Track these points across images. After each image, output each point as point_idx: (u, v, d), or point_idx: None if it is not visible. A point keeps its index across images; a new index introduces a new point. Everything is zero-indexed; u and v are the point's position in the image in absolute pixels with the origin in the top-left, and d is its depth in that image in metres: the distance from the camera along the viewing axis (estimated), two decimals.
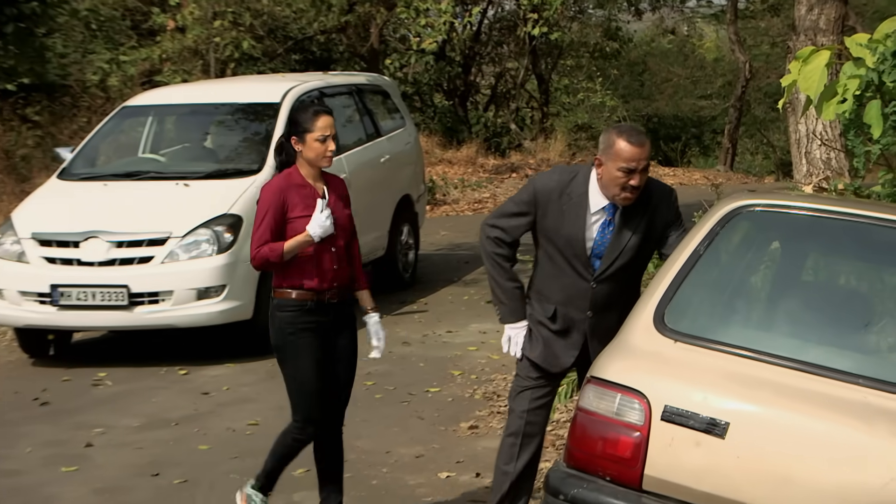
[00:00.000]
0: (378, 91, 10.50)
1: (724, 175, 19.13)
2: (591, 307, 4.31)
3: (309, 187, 4.64)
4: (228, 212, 7.77)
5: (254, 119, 8.83)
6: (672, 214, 4.29)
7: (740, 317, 3.71)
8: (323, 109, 4.63)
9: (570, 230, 4.25)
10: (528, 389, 4.42)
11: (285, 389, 4.72)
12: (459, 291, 9.77)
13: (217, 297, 7.58)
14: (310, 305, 4.62)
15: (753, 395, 3.35)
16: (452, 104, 21.51)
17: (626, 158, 4.14)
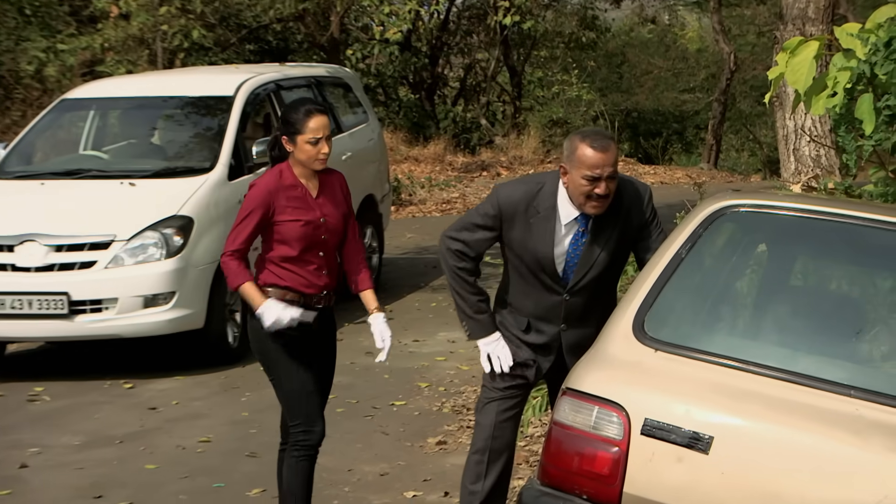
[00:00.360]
0: (339, 84, 10.49)
1: (708, 173, 19.25)
2: (565, 319, 4.33)
3: (300, 188, 4.63)
4: (178, 213, 7.74)
5: (205, 114, 8.79)
6: (647, 215, 4.29)
7: (725, 324, 3.72)
8: (316, 108, 4.59)
9: (538, 246, 4.25)
10: (494, 401, 4.42)
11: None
12: (427, 298, 9.77)
13: (165, 304, 7.54)
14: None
15: (739, 407, 3.37)
16: (418, 98, 21.51)
17: (590, 165, 4.13)
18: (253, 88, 8.84)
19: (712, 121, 21.61)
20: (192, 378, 7.65)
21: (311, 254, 4.62)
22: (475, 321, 4.39)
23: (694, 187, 7.46)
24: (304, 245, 4.60)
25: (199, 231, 7.73)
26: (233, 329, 7.97)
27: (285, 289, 4.61)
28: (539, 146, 19.70)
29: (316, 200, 4.65)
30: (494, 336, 4.39)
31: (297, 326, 4.62)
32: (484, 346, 4.41)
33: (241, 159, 8.35)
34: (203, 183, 7.99)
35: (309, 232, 4.60)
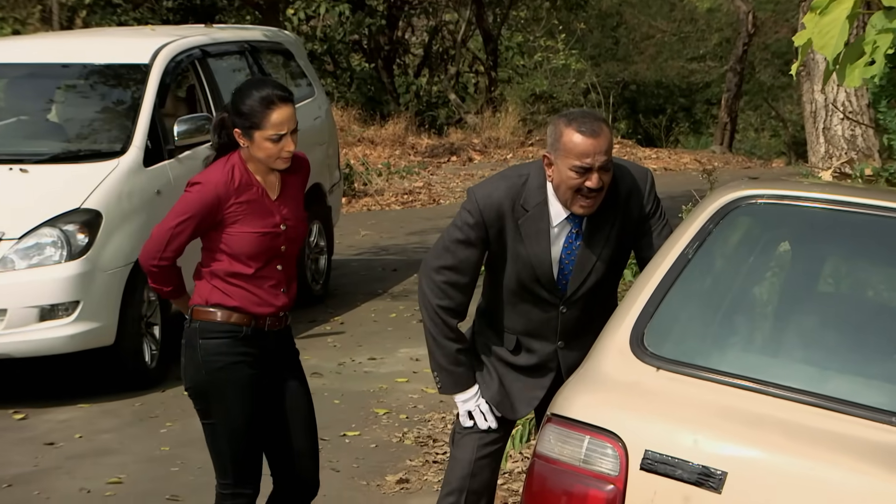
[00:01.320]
0: (278, 50, 10.47)
1: (721, 157, 19.37)
2: (562, 335, 4.34)
3: (256, 187, 4.48)
4: (82, 206, 7.70)
5: (115, 85, 8.76)
6: (648, 205, 4.30)
7: (740, 338, 3.74)
8: (278, 95, 4.41)
9: (533, 251, 4.24)
10: (474, 433, 4.43)
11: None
12: (385, 307, 9.77)
13: (67, 316, 7.51)
14: (245, 332, 4.51)
15: (757, 437, 3.38)
16: (374, 68, 21.51)
17: (579, 154, 4.12)
18: (173, 55, 8.81)
19: (726, 95, 21.74)
20: (100, 406, 7.60)
21: (267, 268, 4.51)
22: (449, 374, 4.37)
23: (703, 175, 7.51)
24: (260, 259, 4.48)
25: (109, 228, 7.70)
26: (150, 346, 7.94)
27: (232, 309, 4.49)
28: (519, 126, 19.74)
29: (274, 203, 4.53)
30: (472, 391, 4.39)
31: (251, 353, 4.51)
32: (462, 404, 4.41)
33: (159, 141, 8.32)
34: (113, 169, 7.95)
35: (266, 244, 4.48)
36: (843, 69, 4.91)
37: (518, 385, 4.40)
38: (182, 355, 4.58)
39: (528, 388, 4.39)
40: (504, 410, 4.41)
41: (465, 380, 4.38)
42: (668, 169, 17.75)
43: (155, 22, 17.47)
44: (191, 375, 4.55)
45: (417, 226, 13.38)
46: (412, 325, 9.11)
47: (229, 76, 9.53)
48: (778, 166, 19.41)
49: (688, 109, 26.61)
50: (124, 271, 7.70)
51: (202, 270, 4.55)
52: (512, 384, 4.40)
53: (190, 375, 4.55)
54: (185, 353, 4.56)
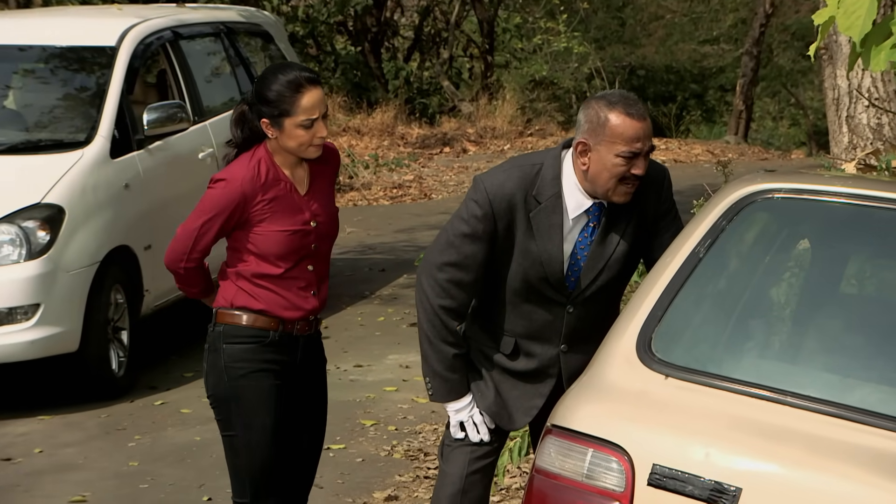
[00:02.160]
0: (256, 32, 10.47)
1: (736, 148, 19.38)
2: (566, 338, 4.34)
3: (284, 183, 4.51)
4: (43, 201, 7.70)
5: (78, 69, 8.75)
6: (663, 203, 4.32)
7: (756, 344, 3.74)
8: (307, 78, 4.44)
9: (544, 247, 4.24)
10: (465, 445, 4.43)
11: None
12: (372, 310, 9.77)
13: (27, 321, 7.51)
14: (272, 338, 4.53)
15: (774, 450, 3.39)
16: (361, 51, 21.50)
17: (629, 139, 4.12)
18: (142, 37, 8.80)
19: (741, 80, 21.75)
20: (63, 418, 7.59)
21: (297, 269, 4.54)
22: (444, 380, 4.37)
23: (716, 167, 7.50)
24: (289, 259, 4.51)
25: (72, 224, 7.69)
26: (118, 353, 7.94)
27: (259, 312, 4.51)
28: (517, 114, 19.75)
29: (304, 198, 4.55)
30: (466, 400, 4.39)
31: (277, 361, 4.54)
32: (454, 413, 4.41)
33: (127, 130, 8.31)
34: (76, 161, 7.95)
35: (295, 242, 4.51)
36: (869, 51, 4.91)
37: (515, 393, 4.40)
38: (204, 361, 4.59)
39: (526, 397, 4.40)
40: (501, 421, 4.41)
41: (460, 387, 4.38)
42: (678, 161, 17.76)
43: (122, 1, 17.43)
44: (212, 382, 4.56)
45: (407, 222, 13.38)
46: (402, 330, 9.10)
47: (203, 60, 9.53)
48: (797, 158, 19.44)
49: (700, 96, 26.62)
50: (89, 271, 7.69)
51: (228, 271, 4.58)
52: (509, 392, 4.40)
53: (211, 382, 4.57)
54: (208, 358, 4.56)
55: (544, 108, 21.49)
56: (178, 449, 7.00)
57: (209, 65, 9.63)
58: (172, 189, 8.53)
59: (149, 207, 8.25)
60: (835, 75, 9.35)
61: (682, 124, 25.12)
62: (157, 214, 8.27)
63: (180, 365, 8.37)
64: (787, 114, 27.14)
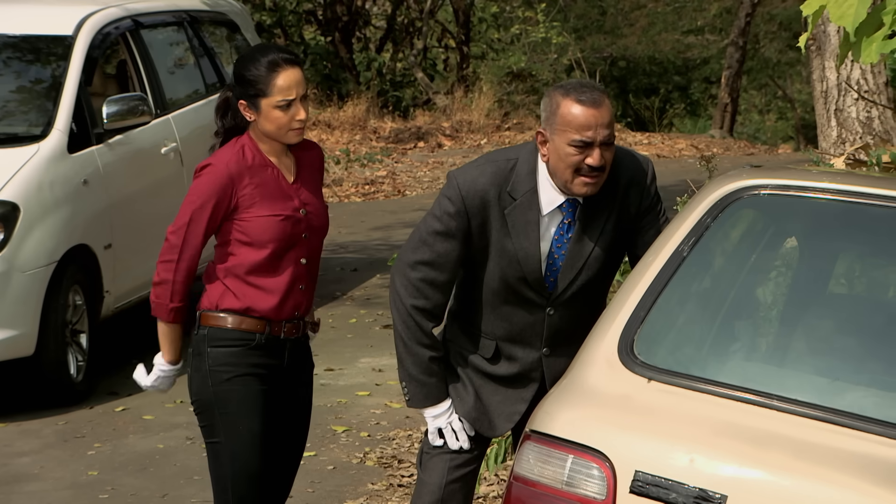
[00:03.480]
0: (221, 21, 10.44)
1: (721, 143, 19.43)
2: (548, 341, 4.35)
3: (271, 168, 4.53)
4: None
5: (33, 60, 8.72)
6: (647, 198, 4.32)
7: (742, 345, 3.75)
8: (284, 58, 4.49)
9: (520, 245, 4.25)
10: (444, 453, 4.43)
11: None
12: (344, 312, 9.76)
13: None
14: (259, 341, 4.53)
15: (760, 456, 3.40)
16: (331, 42, 21.48)
17: (579, 126, 4.14)
18: (101, 26, 8.77)
19: (727, 72, 21.80)
20: (18, 426, 7.56)
21: (288, 261, 4.53)
22: (420, 385, 4.37)
23: (700, 162, 7.51)
24: (281, 249, 4.51)
25: (28, 222, 7.66)
26: (76, 357, 7.91)
27: (244, 313, 4.50)
28: (494, 107, 19.76)
29: (292, 186, 4.56)
30: (445, 405, 4.39)
31: (264, 365, 4.53)
32: (432, 420, 4.41)
33: (85, 124, 8.28)
34: (32, 156, 7.92)
35: (286, 230, 4.51)
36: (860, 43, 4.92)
37: (497, 398, 4.40)
38: (188, 365, 4.59)
39: (508, 402, 4.40)
40: (481, 427, 4.41)
41: (437, 392, 4.37)
42: (661, 156, 17.79)
43: None
44: (196, 387, 4.56)
45: (380, 220, 13.37)
46: (374, 332, 9.09)
47: (165, 50, 9.50)
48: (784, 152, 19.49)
49: (684, 89, 26.66)
50: (46, 272, 7.67)
51: (216, 269, 4.58)
52: (490, 397, 4.40)
53: (195, 387, 4.57)
54: (192, 362, 4.57)
55: (522, 101, 21.49)
56: (139, 457, 6.99)
57: (172, 55, 9.60)
58: (134, 185, 8.51)
59: (109, 204, 8.22)
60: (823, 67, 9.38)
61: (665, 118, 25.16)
62: (117, 212, 8.25)
63: None
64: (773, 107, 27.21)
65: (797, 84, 25.63)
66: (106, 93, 8.87)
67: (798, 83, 25.45)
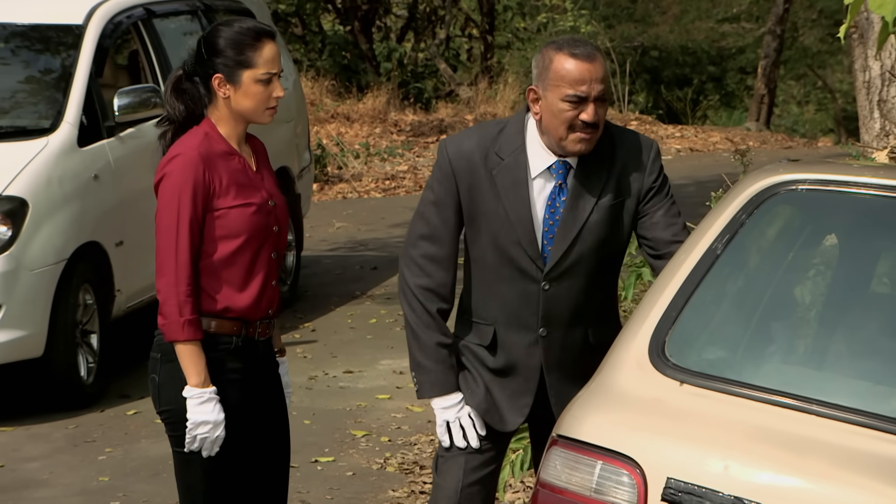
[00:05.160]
0: (236, 10, 10.45)
1: (757, 136, 19.40)
2: (544, 320, 4.35)
3: (236, 157, 4.43)
4: (4, 193, 7.71)
5: (42, 50, 8.75)
6: (651, 175, 4.35)
7: (778, 347, 3.75)
8: (268, 31, 4.42)
9: (511, 206, 4.30)
10: (460, 455, 4.43)
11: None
12: (364, 311, 9.77)
13: None
14: (236, 344, 4.43)
15: (798, 463, 3.39)
16: (350, 31, 21.50)
17: (573, 80, 4.20)
18: (112, 15, 8.80)
19: (763, 62, 21.76)
20: (27, 429, 7.59)
21: (262, 256, 4.44)
22: (426, 372, 4.37)
23: (735, 156, 7.51)
24: (255, 243, 4.42)
25: (36, 218, 7.69)
26: (87, 358, 7.94)
27: (220, 316, 4.39)
28: (519, 99, 19.74)
29: (256, 175, 4.49)
30: (454, 397, 4.39)
31: (239, 370, 4.43)
32: (441, 411, 4.40)
33: (96, 117, 8.31)
34: (41, 150, 7.95)
35: (260, 222, 4.41)
36: None
37: (505, 393, 4.40)
38: (154, 372, 4.45)
39: (514, 395, 4.40)
40: (492, 420, 4.41)
41: (444, 381, 4.38)
42: (694, 150, 17.77)
43: None
44: (169, 396, 4.41)
45: (401, 216, 13.38)
46: (395, 333, 9.10)
47: (179, 40, 9.50)
48: (824, 146, 19.46)
49: (718, 79, 26.63)
50: (55, 270, 7.69)
51: None
52: (498, 391, 4.41)
53: (167, 396, 4.42)
54: (162, 368, 4.42)
55: None
56: (151, 462, 7.00)
57: (185, 45, 9.61)
58: (146, 180, 8.41)
59: (120, 200, 8.24)
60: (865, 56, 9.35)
61: (698, 110, 25.13)
62: (128, 208, 8.27)
63: None
64: (813, 98, 27.16)
65: (838, 74, 25.57)
66: (117, 84, 8.89)
67: (839, 73, 25.39)
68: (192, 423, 4.34)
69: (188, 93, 4.45)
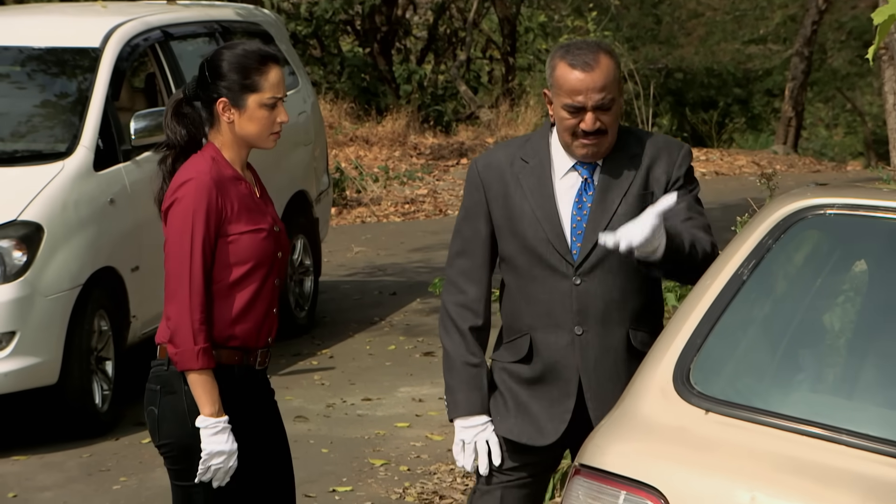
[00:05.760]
0: (254, 32, 10.48)
1: (784, 159, 19.37)
2: (579, 316, 4.34)
3: (242, 182, 4.44)
4: (19, 218, 7.72)
5: (58, 73, 8.78)
6: (679, 172, 4.37)
7: (806, 376, 3.73)
8: (270, 54, 4.44)
9: (539, 203, 4.36)
10: (498, 487, 4.42)
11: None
12: (383, 339, 9.76)
13: (0, 350, 7.52)
14: (237, 373, 4.42)
15: (828, 495, 3.37)
16: (369, 53, 21.55)
17: (570, 90, 4.27)
18: (129, 38, 8.82)
19: (791, 84, 21.74)
20: (40, 458, 7.59)
21: (266, 283, 4.43)
22: (454, 393, 4.41)
23: (762, 180, 7.50)
24: (261, 269, 4.41)
25: (51, 244, 7.70)
26: (101, 386, 7.94)
27: (222, 346, 4.36)
28: (541, 122, 19.75)
29: (260, 200, 4.49)
30: (476, 419, 4.39)
31: (240, 400, 4.41)
32: (460, 430, 4.41)
33: (112, 140, 8.33)
34: (56, 174, 7.96)
35: (268, 248, 4.41)
36: None
37: (542, 403, 4.37)
38: (153, 405, 4.43)
39: (553, 403, 4.38)
40: (530, 437, 4.38)
41: (468, 402, 4.40)
42: (720, 173, 17.75)
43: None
44: (170, 429, 4.39)
45: (420, 241, 13.38)
46: (414, 360, 9.08)
47: (196, 63, 9.49)
48: (853, 169, 19.42)
49: (744, 102, 26.62)
50: (70, 296, 7.70)
51: None
52: (534, 404, 4.38)
53: (168, 429, 4.40)
54: (162, 401, 4.40)
55: None
56: (166, 492, 6.94)
57: None
58: None
59: (136, 225, 8.25)
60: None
61: (724, 133, 25.12)
62: (144, 232, 8.27)
63: None
64: (842, 121, 27.13)
65: (867, 96, 25.54)
66: (134, 107, 8.91)
67: (868, 95, 25.36)
68: (206, 453, 4.32)
69: (189, 117, 4.46)
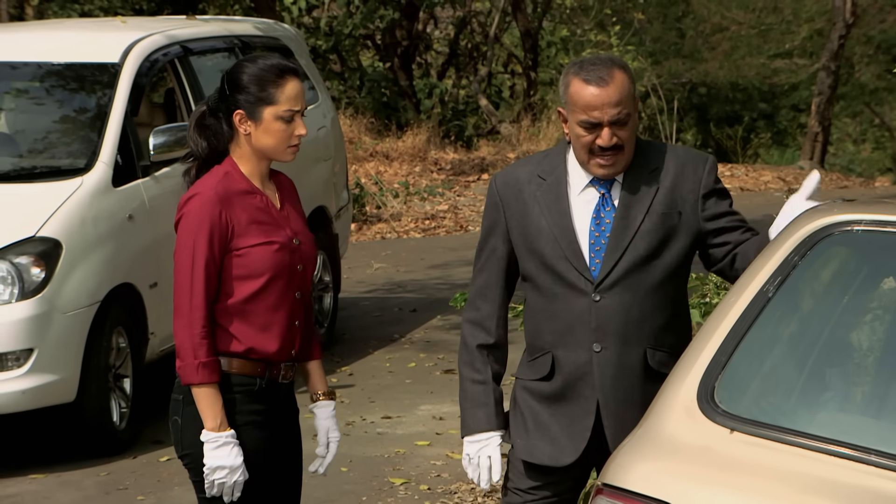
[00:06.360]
0: (274, 47, 10.51)
1: None
2: (598, 334, 4.34)
3: (258, 195, 4.47)
4: (38, 234, 7.74)
5: (77, 89, 8.81)
6: (707, 186, 4.36)
7: (834, 394, 3.72)
8: (289, 67, 4.47)
9: (556, 220, 4.36)
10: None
11: None
12: (402, 356, 9.76)
13: (18, 368, 7.53)
14: (259, 385, 4.47)
15: None
16: (390, 68, 21.59)
17: (585, 106, 4.26)
18: (148, 53, 8.86)
19: (817, 98, 21.71)
20: (58, 476, 7.60)
21: (286, 296, 4.47)
22: (463, 411, 4.46)
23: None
24: (279, 282, 4.45)
25: (70, 260, 7.72)
26: (119, 403, 7.96)
27: (244, 357, 4.42)
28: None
29: (281, 213, 4.53)
30: (482, 435, 4.42)
31: (262, 412, 4.46)
32: (466, 444, 4.44)
33: (131, 156, 8.35)
34: (75, 190, 7.99)
35: (283, 260, 4.44)
36: None
37: (564, 421, 4.38)
38: (177, 414, 4.48)
39: (574, 421, 4.37)
40: (549, 457, 4.38)
41: (473, 421, 4.43)
42: (745, 189, 17.74)
43: (126, 13, 17.59)
44: (192, 439, 4.43)
45: (441, 257, 13.39)
46: (434, 378, 9.09)
47: (215, 78, 9.53)
48: (882, 185, 19.39)
49: (770, 117, 26.59)
50: (88, 313, 7.72)
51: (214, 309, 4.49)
52: (556, 422, 4.38)
53: (190, 439, 4.44)
54: (185, 411, 4.45)
55: None
56: None
57: None
58: None
59: (155, 241, 8.27)
60: None
61: (749, 148, 25.08)
62: (163, 249, 8.27)
63: None
64: (869, 136, 27.08)
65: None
66: (153, 123, 8.94)
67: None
68: (208, 468, 4.38)
69: (211, 128, 4.51)
